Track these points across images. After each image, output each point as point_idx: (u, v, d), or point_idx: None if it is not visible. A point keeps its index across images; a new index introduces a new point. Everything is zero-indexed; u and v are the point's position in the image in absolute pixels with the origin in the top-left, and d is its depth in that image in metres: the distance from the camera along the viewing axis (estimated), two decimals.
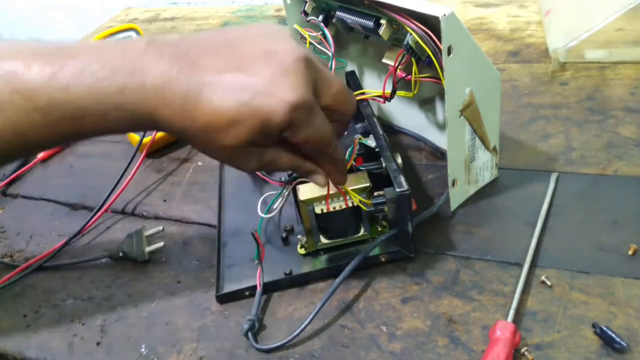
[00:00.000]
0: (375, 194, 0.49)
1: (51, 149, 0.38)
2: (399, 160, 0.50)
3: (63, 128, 0.36)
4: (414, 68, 0.51)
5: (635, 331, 0.42)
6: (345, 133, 0.54)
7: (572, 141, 0.60)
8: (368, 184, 0.49)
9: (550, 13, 0.79)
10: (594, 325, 0.43)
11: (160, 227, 0.60)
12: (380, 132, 0.52)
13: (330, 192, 0.49)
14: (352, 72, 0.63)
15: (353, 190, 0.48)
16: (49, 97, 0.34)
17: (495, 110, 0.53)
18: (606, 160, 0.57)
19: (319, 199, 0.49)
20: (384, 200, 0.48)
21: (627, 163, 0.56)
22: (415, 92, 0.52)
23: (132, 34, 0.73)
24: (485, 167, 0.56)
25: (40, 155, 0.76)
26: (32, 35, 1.55)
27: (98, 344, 0.50)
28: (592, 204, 0.53)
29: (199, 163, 0.70)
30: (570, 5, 0.78)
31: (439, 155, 0.62)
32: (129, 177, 0.66)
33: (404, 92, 0.54)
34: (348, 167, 0.49)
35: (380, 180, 0.50)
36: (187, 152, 0.72)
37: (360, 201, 0.48)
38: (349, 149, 0.50)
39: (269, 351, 0.46)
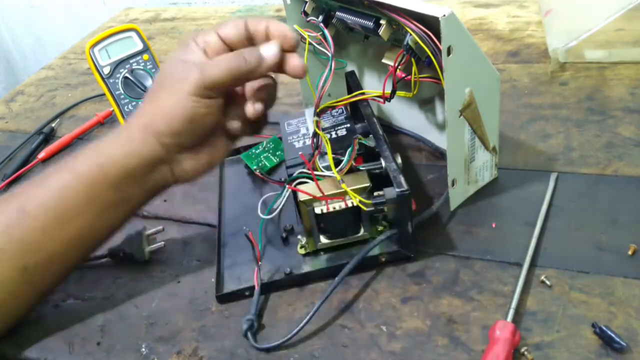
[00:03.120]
0: (375, 194, 0.49)
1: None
2: (399, 160, 0.50)
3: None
4: (414, 68, 0.51)
5: (634, 331, 0.42)
6: (345, 133, 0.54)
7: (571, 141, 0.60)
8: (368, 184, 0.49)
9: (550, 13, 0.79)
10: (593, 325, 0.43)
11: (161, 227, 0.60)
12: (380, 132, 0.52)
13: (331, 192, 0.49)
14: (352, 72, 0.63)
15: (353, 190, 0.48)
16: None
17: (495, 110, 0.53)
18: (606, 160, 0.57)
19: (318, 200, 0.49)
20: (384, 200, 0.48)
21: (626, 163, 0.56)
22: (415, 92, 0.52)
23: (133, 34, 0.73)
24: (484, 167, 0.56)
25: (41, 155, 0.76)
26: (32, 35, 1.55)
27: (98, 344, 0.50)
28: (592, 204, 0.53)
29: None
30: (570, 6, 0.78)
31: (439, 155, 0.62)
32: None
33: (403, 92, 0.54)
34: (347, 167, 0.49)
35: (380, 180, 0.50)
36: None
37: (360, 201, 0.48)
38: (349, 149, 0.50)
39: (268, 350, 0.46)
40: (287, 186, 0.51)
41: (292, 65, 0.46)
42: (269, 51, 0.46)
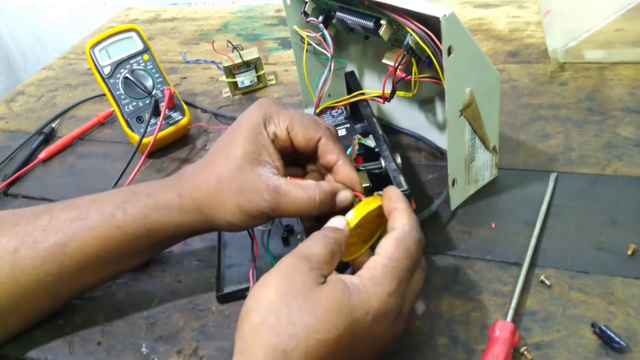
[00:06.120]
0: (375, 193, 0.49)
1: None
2: (399, 160, 0.50)
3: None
4: (414, 68, 0.51)
5: (634, 331, 0.42)
6: (345, 133, 0.54)
7: (571, 141, 0.60)
8: (368, 184, 0.49)
9: (549, 13, 0.80)
10: (593, 325, 0.43)
11: None
12: (380, 132, 0.52)
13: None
14: (352, 72, 0.63)
15: None
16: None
17: (495, 110, 0.53)
18: (605, 160, 0.57)
19: None
20: None
21: (626, 163, 0.56)
22: (415, 92, 0.52)
23: (133, 34, 0.73)
24: (485, 167, 0.56)
25: (41, 155, 0.76)
26: (32, 35, 1.56)
27: (99, 343, 0.50)
28: (591, 204, 0.53)
29: None
30: (570, 6, 0.78)
31: (439, 155, 0.62)
32: (130, 177, 0.66)
33: (403, 92, 0.54)
34: None
35: (380, 180, 0.50)
36: (188, 152, 0.72)
37: None
38: (349, 149, 0.50)
39: None
40: None
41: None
42: (343, 202, 0.45)
